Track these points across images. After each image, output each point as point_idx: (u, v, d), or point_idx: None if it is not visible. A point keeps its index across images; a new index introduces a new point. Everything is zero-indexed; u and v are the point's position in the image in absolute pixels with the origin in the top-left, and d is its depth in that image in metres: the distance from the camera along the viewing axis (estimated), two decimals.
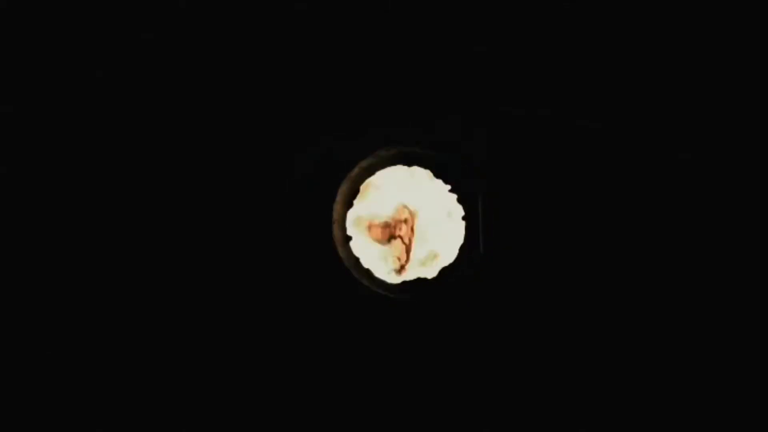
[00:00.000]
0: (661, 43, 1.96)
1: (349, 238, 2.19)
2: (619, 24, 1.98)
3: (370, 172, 2.20)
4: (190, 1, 1.96)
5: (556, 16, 1.97)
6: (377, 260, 2.39)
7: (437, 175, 2.17)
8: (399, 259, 2.45)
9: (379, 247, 2.42)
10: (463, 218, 2.15)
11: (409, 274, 2.38)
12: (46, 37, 1.98)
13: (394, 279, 2.32)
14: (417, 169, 2.21)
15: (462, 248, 2.14)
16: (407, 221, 2.45)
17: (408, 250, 2.45)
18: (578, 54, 1.99)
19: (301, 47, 2.04)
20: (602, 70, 2.00)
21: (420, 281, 2.17)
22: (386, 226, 2.45)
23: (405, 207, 2.45)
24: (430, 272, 2.19)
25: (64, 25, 1.99)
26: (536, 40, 2.00)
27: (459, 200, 2.16)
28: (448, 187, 2.17)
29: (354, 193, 2.20)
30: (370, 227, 2.43)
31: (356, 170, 2.13)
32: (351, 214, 2.22)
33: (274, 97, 2.05)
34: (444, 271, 2.16)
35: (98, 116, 2.03)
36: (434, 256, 2.39)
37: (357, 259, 2.18)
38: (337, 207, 2.14)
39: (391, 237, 2.46)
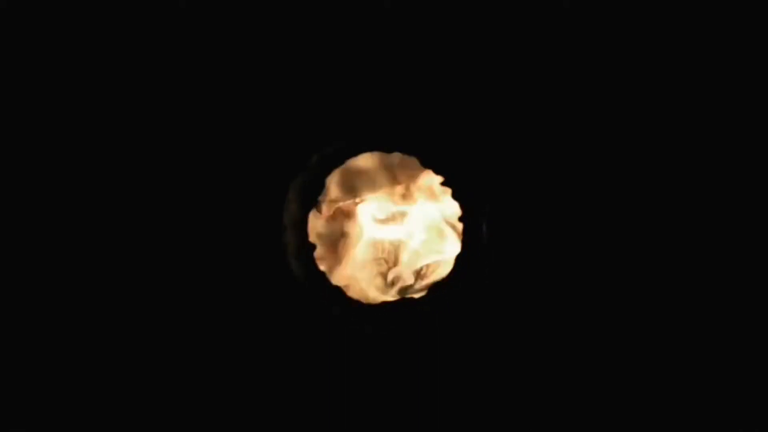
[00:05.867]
0: (661, 43, 1.65)
1: (313, 247, 1.70)
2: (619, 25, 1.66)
3: (338, 160, 1.68)
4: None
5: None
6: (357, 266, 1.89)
7: (426, 164, 1.64)
8: (386, 261, 1.95)
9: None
10: (460, 219, 1.64)
11: (395, 286, 1.87)
12: (46, 37, 1.73)
13: (373, 293, 1.83)
14: (399, 157, 1.69)
15: (459, 259, 1.64)
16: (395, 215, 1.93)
17: (397, 251, 1.94)
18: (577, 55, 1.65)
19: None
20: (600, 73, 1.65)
21: (405, 302, 1.69)
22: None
23: (391, 198, 1.91)
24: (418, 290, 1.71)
25: (64, 24, 1.73)
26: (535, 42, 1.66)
27: (454, 196, 1.64)
28: (440, 179, 1.64)
29: (317, 188, 1.69)
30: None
31: (315, 158, 1.63)
32: (314, 216, 1.72)
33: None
34: (435, 289, 1.66)
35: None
36: (422, 268, 1.87)
37: (323, 275, 1.69)
38: (291, 207, 1.65)
39: None
